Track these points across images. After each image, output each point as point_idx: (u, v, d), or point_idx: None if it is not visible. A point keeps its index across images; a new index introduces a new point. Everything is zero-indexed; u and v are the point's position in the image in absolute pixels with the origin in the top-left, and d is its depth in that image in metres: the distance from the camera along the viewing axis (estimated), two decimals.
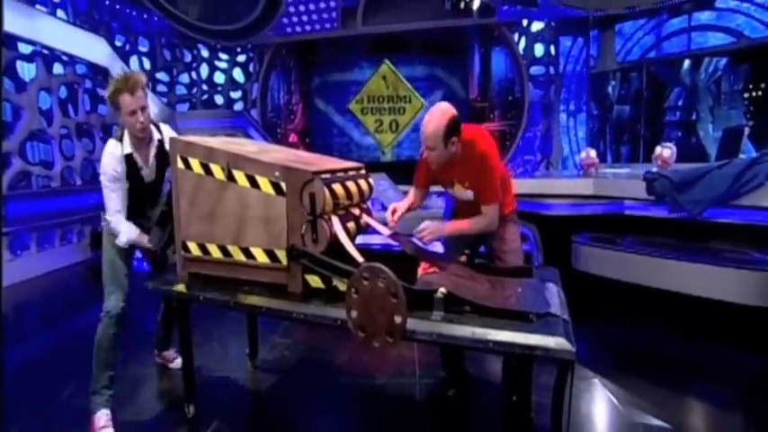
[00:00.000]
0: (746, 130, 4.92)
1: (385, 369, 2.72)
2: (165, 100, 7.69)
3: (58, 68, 5.81)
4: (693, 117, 8.15)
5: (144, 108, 2.13)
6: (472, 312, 1.57)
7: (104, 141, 6.39)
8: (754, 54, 7.11)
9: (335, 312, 1.68)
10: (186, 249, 2.10)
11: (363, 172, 2.25)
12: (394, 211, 2.16)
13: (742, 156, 4.54)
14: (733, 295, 3.04)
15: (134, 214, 2.27)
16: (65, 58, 5.87)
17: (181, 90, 8.08)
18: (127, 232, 2.22)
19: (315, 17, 7.09)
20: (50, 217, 5.44)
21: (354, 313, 1.54)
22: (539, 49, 7.64)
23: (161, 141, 2.28)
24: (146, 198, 2.32)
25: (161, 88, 7.76)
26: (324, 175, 1.85)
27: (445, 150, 1.95)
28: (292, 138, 9.25)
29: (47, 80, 5.58)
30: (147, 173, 2.27)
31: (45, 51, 5.55)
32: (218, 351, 3.10)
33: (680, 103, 8.25)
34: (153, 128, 2.25)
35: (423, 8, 7.15)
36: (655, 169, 4.04)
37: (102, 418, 2.15)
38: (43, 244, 5.44)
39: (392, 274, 1.52)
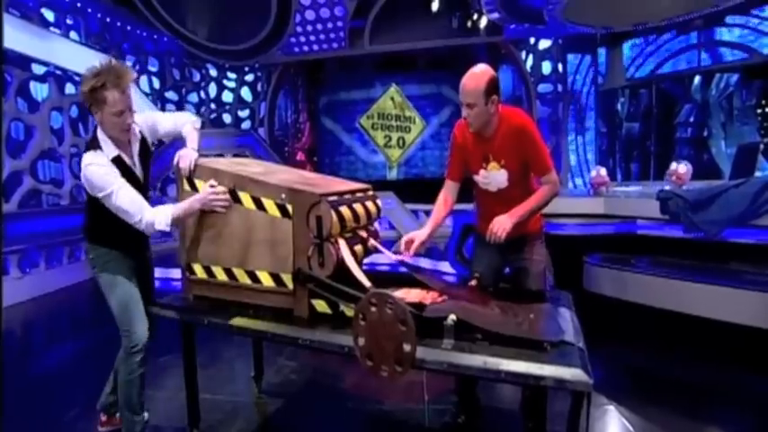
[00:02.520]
0: (762, 147, 4.81)
1: (393, 394, 2.64)
2: None
3: (69, 88, 5.91)
4: (705, 134, 8.07)
5: (131, 108, 1.88)
6: (483, 340, 1.51)
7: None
8: (766, 69, 7.05)
9: (342, 339, 1.63)
10: (191, 271, 2.07)
11: (371, 193, 2.22)
12: (410, 242, 2.02)
13: (758, 173, 4.44)
14: (754, 319, 2.93)
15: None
16: (77, 78, 5.97)
17: (189, 109, 8.17)
18: (173, 208, 1.89)
19: (322, 37, 7.19)
20: (59, 235, 5.47)
21: (362, 341, 1.49)
22: (546, 67, 7.67)
23: (141, 134, 2.07)
24: None
25: (170, 107, 7.86)
26: (331, 198, 1.82)
27: (485, 108, 1.89)
28: (299, 156, 9.31)
29: (59, 100, 5.68)
30: (138, 171, 2.06)
31: (58, 72, 5.66)
32: (223, 374, 3.04)
33: (691, 119, 8.19)
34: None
35: (430, 27, 7.22)
36: (668, 187, 3.96)
37: None
38: (52, 262, 5.46)
39: (401, 300, 1.47)
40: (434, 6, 6.86)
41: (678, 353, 3.17)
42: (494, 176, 2.03)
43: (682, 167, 4.14)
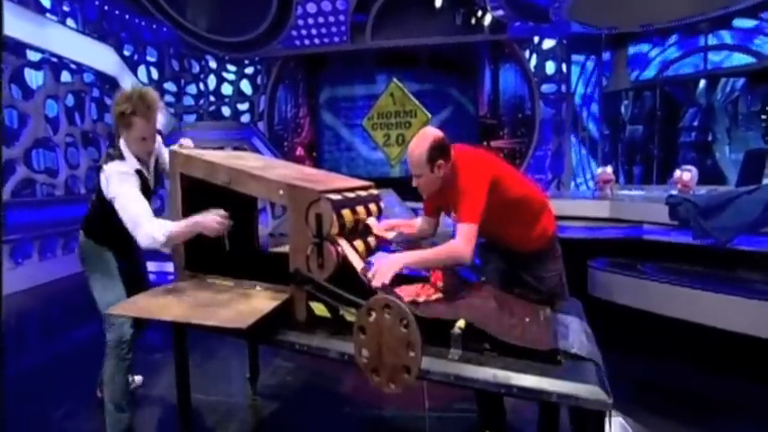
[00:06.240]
0: None
1: (392, 400, 2.53)
2: (171, 110, 7.68)
3: (65, 76, 5.79)
4: (709, 138, 8.00)
5: (154, 136, 2.04)
6: (492, 350, 1.42)
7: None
8: None
9: (342, 345, 1.54)
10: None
11: (374, 192, 2.12)
12: (390, 227, 1.99)
13: (765, 180, 4.36)
14: (763, 330, 2.86)
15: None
16: (73, 66, 5.86)
17: (188, 101, 8.07)
18: (173, 225, 1.88)
19: (324, 30, 7.08)
20: (53, 225, 5.36)
21: (365, 352, 1.40)
22: (550, 67, 7.57)
23: (158, 156, 2.23)
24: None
25: (168, 98, 7.75)
26: (331, 195, 1.72)
27: (432, 175, 1.78)
28: (299, 151, 9.20)
29: (54, 88, 5.56)
30: (152, 186, 2.21)
31: (53, 59, 5.54)
32: (217, 373, 2.95)
33: (695, 123, 8.12)
34: None
35: (433, 24, 7.12)
36: (674, 192, 3.89)
37: None
38: (46, 253, 5.36)
39: (404, 305, 1.39)
40: (438, 2, 6.75)
41: (684, 362, 3.09)
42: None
43: (686, 174, 4.05)
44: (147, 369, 2.74)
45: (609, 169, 4.12)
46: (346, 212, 1.78)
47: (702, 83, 7.95)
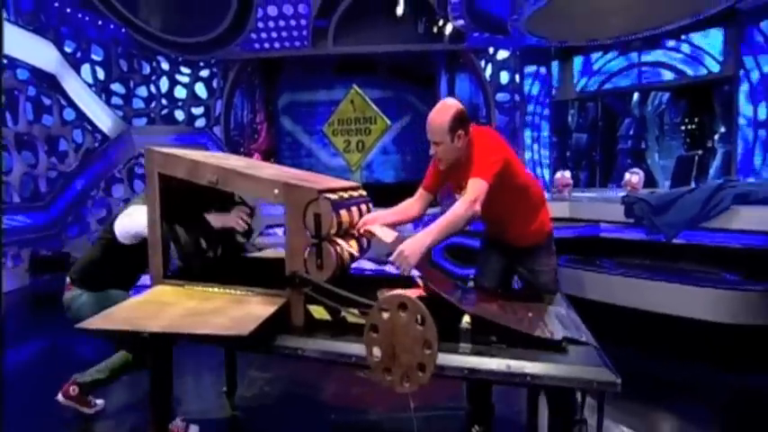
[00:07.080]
0: (696, 159, 5.26)
1: (377, 403, 2.53)
2: (120, 113, 7.20)
3: None
4: (642, 146, 8.75)
5: None
6: (500, 342, 1.46)
7: (48, 155, 5.96)
8: (691, 90, 7.77)
9: (348, 347, 1.52)
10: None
11: (364, 193, 2.12)
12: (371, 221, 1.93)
13: (692, 183, 4.83)
14: (706, 313, 3.17)
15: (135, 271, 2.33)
16: (3, 60, 5.35)
17: (138, 104, 7.60)
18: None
19: (285, 34, 6.96)
20: None
21: (377, 351, 1.38)
22: (504, 77, 7.91)
23: None
24: None
25: (116, 101, 7.26)
26: (330, 195, 1.71)
27: (452, 145, 1.83)
28: (256, 157, 8.94)
29: None
30: None
31: None
32: (191, 391, 2.80)
33: (631, 132, 8.83)
34: None
35: (395, 31, 7.22)
36: (623, 193, 4.19)
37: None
38: None
39: (418, 301, 1.39)
40: (399, 10, 6.87)
41: (640, 347, 3.33)
42: None
43: (634, 177, 4.39)
44: (108, 391, 2.54)
45: (567, 174, 4.38)
46: (343, 213, 1.77)
47: (636, 96, 8.69)
